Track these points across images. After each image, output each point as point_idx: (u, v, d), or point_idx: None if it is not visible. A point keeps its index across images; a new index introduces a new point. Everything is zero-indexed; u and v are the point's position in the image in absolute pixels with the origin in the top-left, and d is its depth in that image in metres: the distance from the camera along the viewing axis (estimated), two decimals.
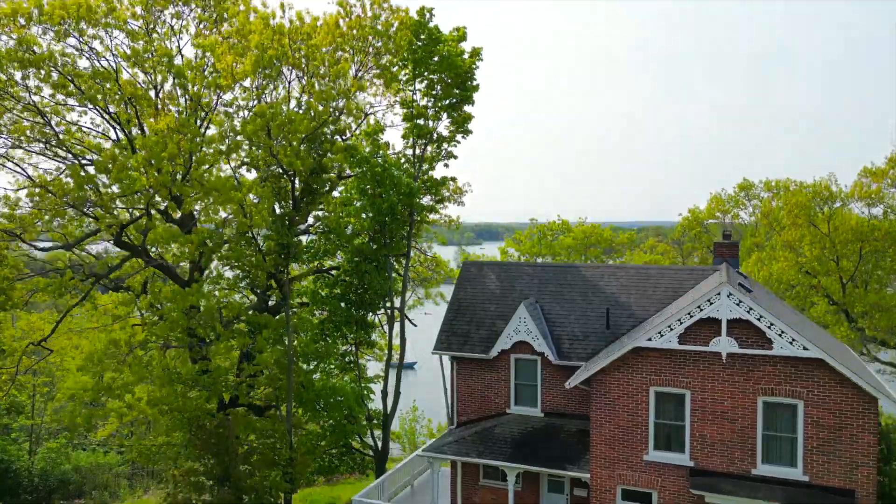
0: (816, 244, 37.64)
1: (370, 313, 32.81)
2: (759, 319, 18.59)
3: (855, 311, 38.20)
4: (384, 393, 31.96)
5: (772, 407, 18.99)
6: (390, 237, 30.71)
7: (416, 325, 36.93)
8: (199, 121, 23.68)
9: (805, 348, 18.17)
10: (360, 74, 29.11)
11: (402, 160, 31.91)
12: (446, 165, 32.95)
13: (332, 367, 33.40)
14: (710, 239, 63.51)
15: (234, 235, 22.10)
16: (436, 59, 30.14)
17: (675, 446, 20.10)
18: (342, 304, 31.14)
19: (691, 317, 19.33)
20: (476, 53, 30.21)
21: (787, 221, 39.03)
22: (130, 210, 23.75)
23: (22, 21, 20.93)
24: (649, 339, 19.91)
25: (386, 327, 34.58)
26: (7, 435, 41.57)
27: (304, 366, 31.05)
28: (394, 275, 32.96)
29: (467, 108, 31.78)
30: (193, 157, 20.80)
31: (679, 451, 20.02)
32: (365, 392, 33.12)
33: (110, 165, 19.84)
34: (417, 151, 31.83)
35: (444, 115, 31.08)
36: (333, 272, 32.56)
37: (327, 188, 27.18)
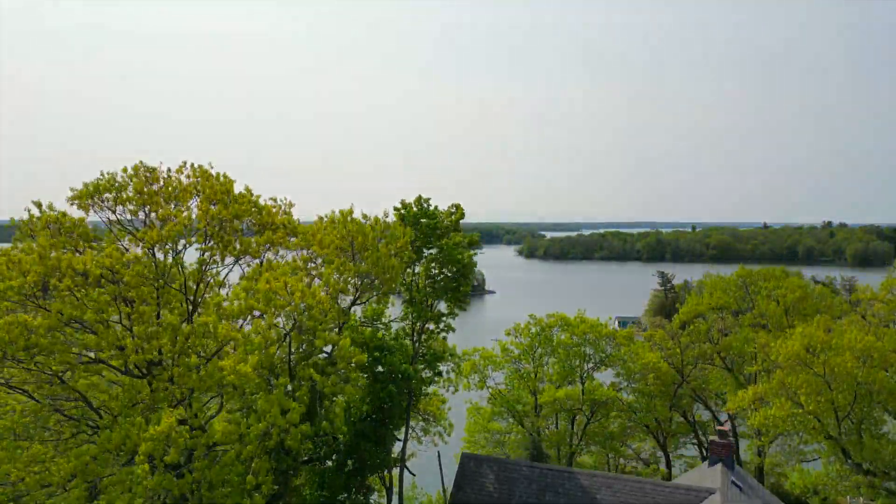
0: (812, 393, 37.96)
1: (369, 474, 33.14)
2: None
3: (853, 459, 38.47)
4: None
5: None
6: (389, 417, 31.09)
7: (414, 476, 37.33)
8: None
9: None
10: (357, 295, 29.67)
11: (403, 335, 32.30)
12: (444, 339, 33.33)
13: None
14: (708, 326, 63.98)
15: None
16: (434, 236, 30.78)
17: None
18: (338, 472, 31.47)
19: None
20: (474, 242, 30.71)
21: (784, 364, 39.40)
22: None
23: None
24: None
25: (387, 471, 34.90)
26: None
27: None
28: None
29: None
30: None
31: None
32: None
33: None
34: (417, 327, 32.30)
35: (443, 298, 31.57)
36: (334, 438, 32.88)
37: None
